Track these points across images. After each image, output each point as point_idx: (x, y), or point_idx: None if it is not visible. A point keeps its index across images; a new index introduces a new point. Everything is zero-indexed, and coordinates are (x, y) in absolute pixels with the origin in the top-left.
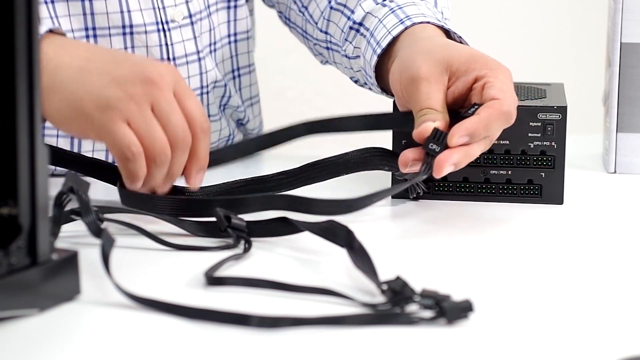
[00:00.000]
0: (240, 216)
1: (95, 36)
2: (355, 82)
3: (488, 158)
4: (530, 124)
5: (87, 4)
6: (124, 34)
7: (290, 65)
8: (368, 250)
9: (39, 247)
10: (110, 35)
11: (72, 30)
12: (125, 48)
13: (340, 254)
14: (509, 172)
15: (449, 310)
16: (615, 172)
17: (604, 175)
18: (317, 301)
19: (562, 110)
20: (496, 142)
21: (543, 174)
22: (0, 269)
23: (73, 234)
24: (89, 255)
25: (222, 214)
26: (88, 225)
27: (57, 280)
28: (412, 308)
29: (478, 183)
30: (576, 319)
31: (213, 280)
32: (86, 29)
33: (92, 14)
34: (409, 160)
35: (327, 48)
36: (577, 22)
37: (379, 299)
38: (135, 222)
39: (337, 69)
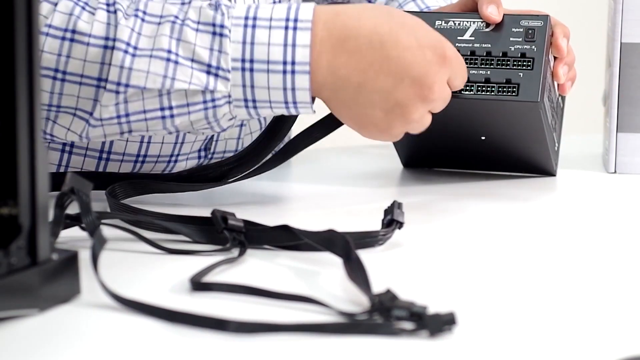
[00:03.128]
0: (239, 217)
1: None
2: None
3: (470, 59)
4: (513, 29)
5: None
6: None
7: None
8: (364, 262)
9: (39, 247)
10: None
11: None
12: None
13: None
14: (488, 72)
15: (430, 323)
16: (615, 172)
17: (604, 175)
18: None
19: (544, 18)
20: (477, 45)
21: (521, 74)
22: (0, 269)
23: (73, 235)
24: (89, 256)
25: (219, 215)
26: (87, 226)
27: (57, 281)
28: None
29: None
30: (576, 319)
31: (198, 285)
32: None
33: None
34: None
35: None
36: (577, 22)
37: (360, 308)
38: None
39: None
